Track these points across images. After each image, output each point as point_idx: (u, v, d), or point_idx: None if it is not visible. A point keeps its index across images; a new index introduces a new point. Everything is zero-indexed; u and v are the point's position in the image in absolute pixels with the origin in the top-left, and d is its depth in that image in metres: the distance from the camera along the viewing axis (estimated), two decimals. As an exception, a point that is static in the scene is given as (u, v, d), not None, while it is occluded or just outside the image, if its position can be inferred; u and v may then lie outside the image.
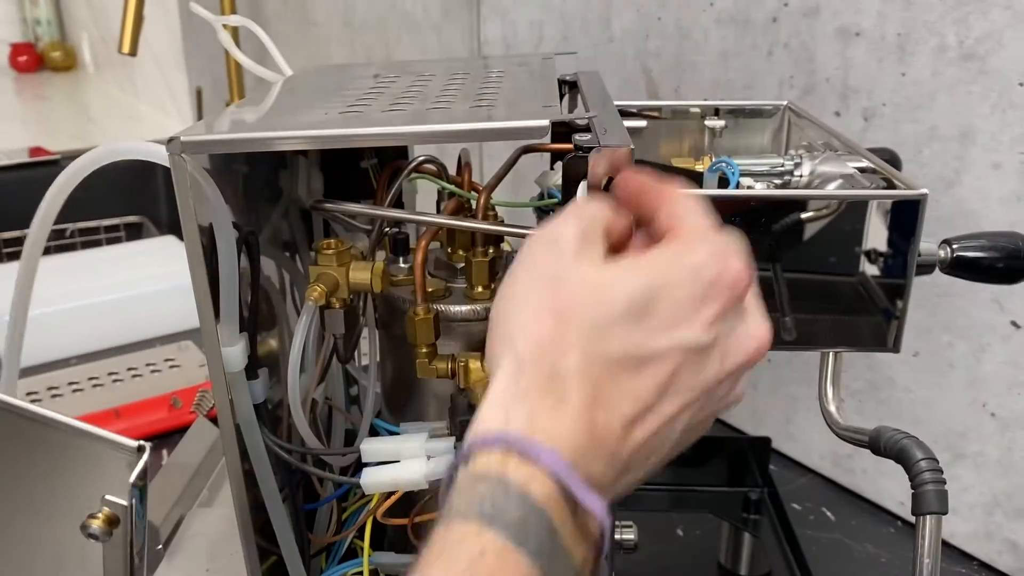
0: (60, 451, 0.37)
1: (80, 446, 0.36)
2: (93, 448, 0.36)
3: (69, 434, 0.37)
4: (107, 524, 0.34)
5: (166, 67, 2.43)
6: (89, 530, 0.34)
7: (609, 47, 1.01)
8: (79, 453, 0.36)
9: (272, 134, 0.42)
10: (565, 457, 0.31)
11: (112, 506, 0.34)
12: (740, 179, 0.57)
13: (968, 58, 0.68)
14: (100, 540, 0.34)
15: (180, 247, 1.41)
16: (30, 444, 0.37)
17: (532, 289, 0.34)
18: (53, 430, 0.37)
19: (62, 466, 0.37)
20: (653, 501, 0.78)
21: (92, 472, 0.36)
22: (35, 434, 0.37)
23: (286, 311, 0.59)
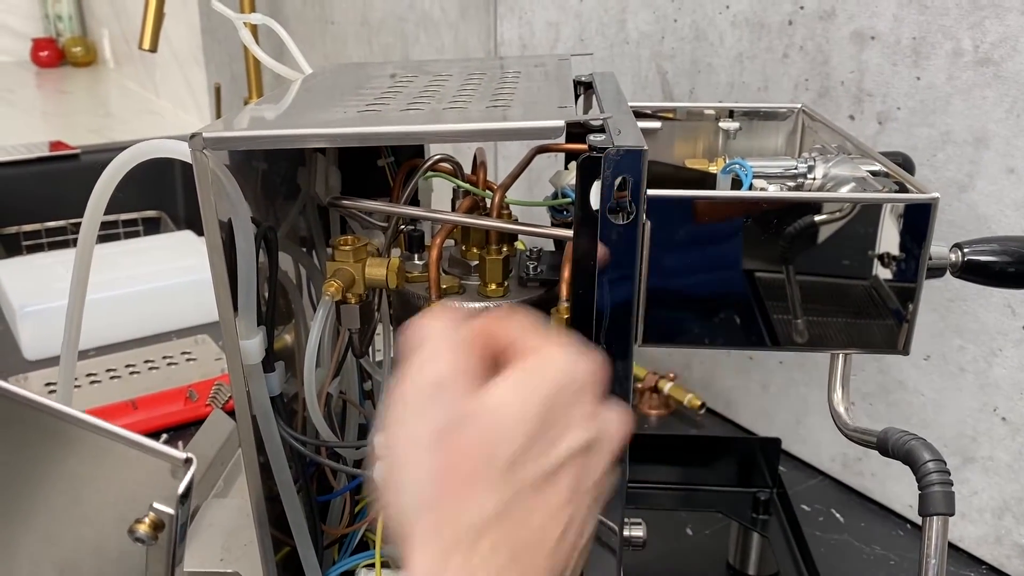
0: (110, 458, 0.39)
1: (129, 455, 0.38)
2: (141, 457, 0.38)
3: (119, 443, 0.39)
4: (153, 529, 0.36)
5: (185, 63, 2.45)
6: (136, 534, 0.36)
7: (625, 48, 1.02)
8: (128, 461, 0.38)
9: (294, 132, 0.43)
10: None
11: (159, 513, 0.37)
12: (753, 181, 0.58)
13: (983, 63, 0.68)
14: (146, 544, 0.36)
15: (197, 242, 1.44)
16: (80, 450, 0.39)
17: (434, 448, 0.33)
18: (103, 438, 0.39)
19: (111, 472, 0.39)
20: (663, 500, 0.79)
21: (139, 479, 0.38)
22: (86, 441, 0.39)
23: (302, 306, 0.60)
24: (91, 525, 0.40)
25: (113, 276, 1.26)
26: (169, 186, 1.86)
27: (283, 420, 0.50)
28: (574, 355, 0.35)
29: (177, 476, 0.37)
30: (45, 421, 0.40)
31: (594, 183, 0.41)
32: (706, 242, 0.47)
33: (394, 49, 1.52)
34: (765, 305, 0.49)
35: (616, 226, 0.42)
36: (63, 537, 0.41)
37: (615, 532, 0.48)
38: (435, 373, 0.34)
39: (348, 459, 0.60)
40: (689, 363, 1.04)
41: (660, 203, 0.45)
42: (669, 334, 0.48)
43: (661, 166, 0.64)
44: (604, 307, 0.44)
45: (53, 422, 0.40)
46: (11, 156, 1.79)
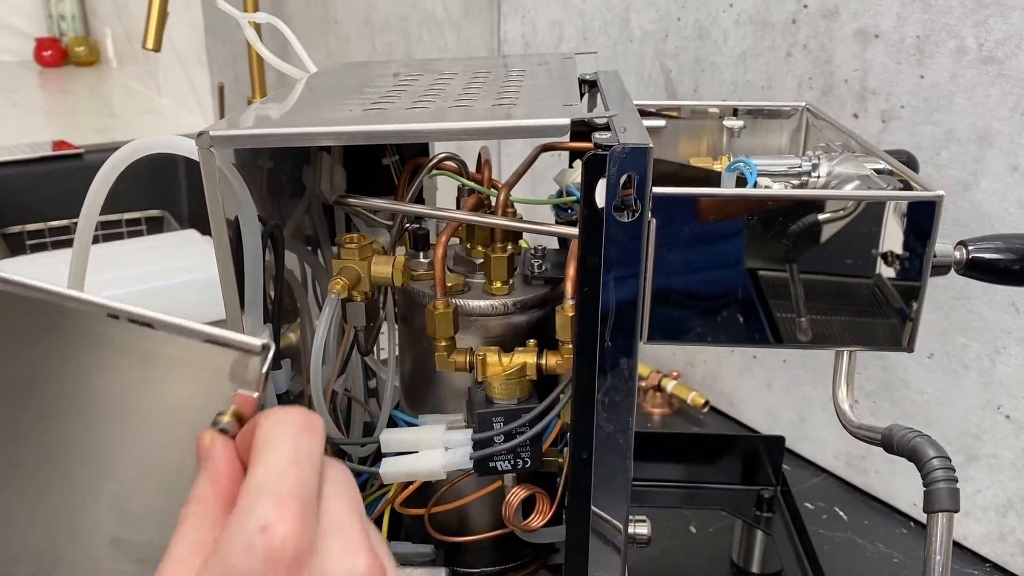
0: (179, 357, 0.37)
1: (200, 349, 0.36)
2: (213, 351, 0.36)
3: (183, 338, 0.37)
4: (236, 420, 0.34)
5: (188, 63, 2.45)
6: (220, 425, 0.34)
7: (628, 47, 1.02)
8: (199, 357, 0.36)
9: (301, 130, 0.43)
10: None
11: (241, 400, 0.35)
12: (758, 179, 0.58)
13: (987, 61, 0.68)
14: (229, 433, 0.35)
15: (201, 241, 1.44)
16: (146, 353, 0.37)
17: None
18: (163, 335, 0.37)
19: (182, 372, 0.37)
20: (667, 498, 0.79)
21: (213, 375, 0.36)
22: (140, 341, 0.37)
23: (308, 304, 0.60)
24: (153, 446, 0.38)
25: (117, 275, 1.26)
26: (173, 185, 1.86)
27: (289, 417, 0.50)
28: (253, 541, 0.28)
29: (253, 364, 0.35)
30: (84, 321, 0.37)
31: (599, 181, 0.41)
32: (711, 240, 0.47)
33: (397, 48, 1.52)
34: (770, 303, 0.49)
35: (621, 224, 0.42)
36: (120, 468, 0.38)
37: (620, 530, 0.49)
38: (192, 501, 0.32)
39: (353, 456, 0.60)
40: (692, 361, 1.04)
41: (665, 201, 0.45)
42: (674, 331, 0.48)
43: (665, 164, 0.64)
44: (609, 305, 0.44)
45: (93, 321, 0.37)
46: (14, 155, 1.79)
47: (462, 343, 0.52)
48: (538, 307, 0.54)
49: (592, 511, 0.48)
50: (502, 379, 0.50)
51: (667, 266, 0.46)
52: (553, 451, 0.55)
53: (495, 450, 0.49)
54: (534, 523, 0.53)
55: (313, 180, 0.58)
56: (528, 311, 0.53)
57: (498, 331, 0.53)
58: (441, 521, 0.58)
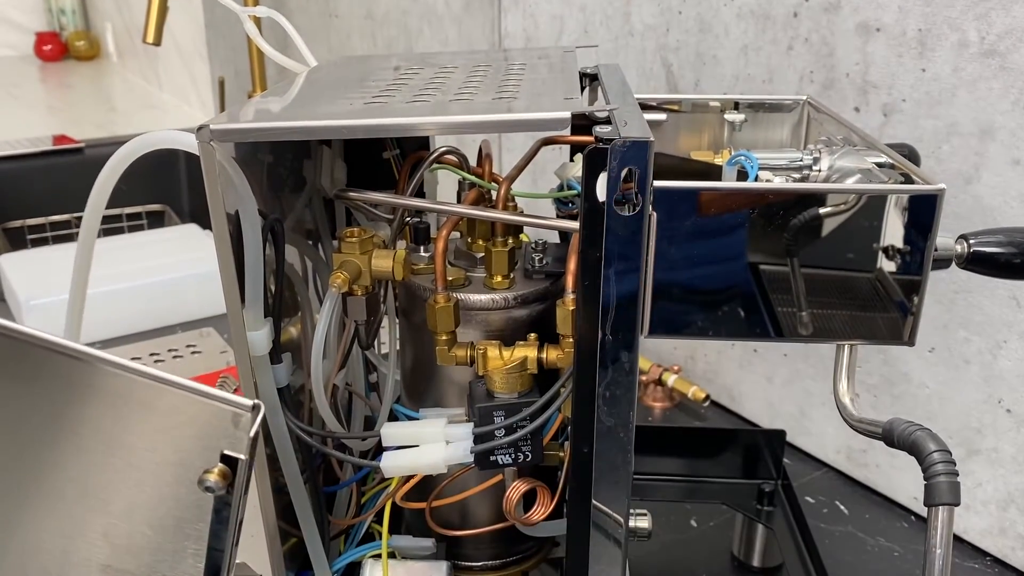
0: (166, 411, 0.38)
1: (192, 404, 0.37)
2: (209, 408, 0.37)
3: (176, 393, 0.38)
4: (222, 478, 0.36)
5: (189, 57, 2.45)
6: (206, 484, 0.35)
7: (629, 41, 1.02)
8: (186, 412, 0.37)
9: (302, 124, 0.43)
10: None
11: (227, 461, 0.36)
12: (759, 173, 0.57)
13: (989, 54, 0.68)
14: (215, 492, 0.36)
15: (202, 235, 1.44)
16: (142, 404, 0.38)
17: None
18: (157, 388, 0.38)
19: (167, 426, 0.38)
20: (667, 492, 0.79)
21: (204, 429, 0.37)
22: (136, 393, 0.38)
23: (308, 298, 0.60)
24: (145, 486, 0.39)
25: (118, 270, 1.26)
26: (173, 180, 1.86)
27: (290, 411, 0.50)
28: None
29: (243, 423, 0.37)
30: (86, 372, 0.39)
31: (600, 175, 0.41)
32: (712, 234, 0.47)
33: (398, 43, 1.52)
34: (771, 297, 0.49)
35: (622, 217, 0.42)
36: (113, 504, 0.40)
37: (621, 524, 0.49)
38: None
39: (354, 450, 0.60)
40: (693, 355, 1.04)
41: (666, 194, 0.44)
42: (675, 325, 0.48)
43: (666, 158, 0.64)
44: (610, 298, 0.44)
45: (94, 372, 0.39)
46: (15, 150, 1.79)
47: (463, 337, 0.52)
48: (539, 301, 0.54)
49: (593, 505, 0.48)
50: (503, 373, 0.50)
51: (668, 260, 0.46)
52: (554, 445, 0.55)
53: (496, 444, 0.49)
54: (535, 517, 0.54)
55: (314, 174, 0.58)
56: (529, 305, 0.53)
57: (499, 325, 0.53)
58: (442, 515, 0.58)
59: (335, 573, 0.56)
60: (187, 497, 0.37)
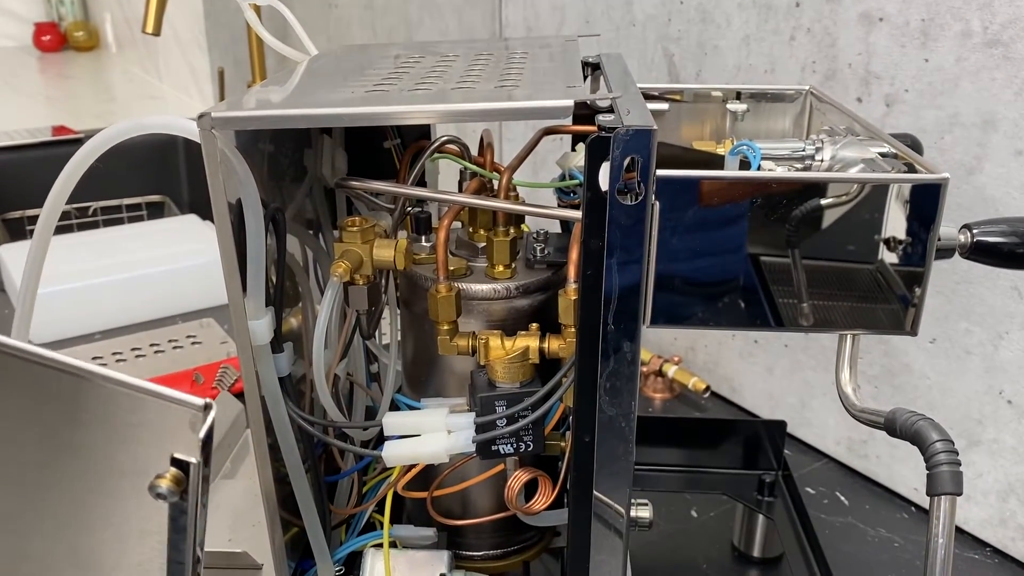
0: (122, 411, 0.35)
1: (143, 406, 0.35)
2: (158, 408, 0.35)
3: (132, 393, 0.35)
4: (175, 483, 0.33)
5: (188, 47, 2.44)
6: (157, 490, 0.33)
7: (631, 31, 1.01)
8: (144, 413, 0.35)
9: (304, 111, 0.42)
10: None
11: (179, 465, 0.34)
12: (761, 163, 0.57)
13: (992, 44, 0.68)
14: (167, 500, 0.33)
15: (202, 225, 1.44)
16: (90, 404, 0.36)
17: None
18: (115, 390, 0.35)
19: (126, 426, 0.36)
20: (668, 482, 0.79)
21: (156, 431, 0.35)
22: (96, 394, 0.36)
23: (309, 288, 0.60)
24: (108, 484, 0.36)
25: (118, 260, 1.26)
26: (173, 171, 1.86)
27: (291, 401, 0.50)
28: None
29: (194, 424, 0.34)
30: (34, 375, 0.36)
31: (603, 163, 0.41)
32: (714, 223, 0.47)
33: (398, 32, 1.51)
34: (772, 288, 0.49)
35: (624, 207, 0.42)
36: (82, 498, 0.37)
37: (622, 514, 0.49)
38: None
39: (355, 440, 0.60)
40: (694, 346, 1.04)
41: (669, 183, 0.44)
42: (677, 315, 0.48)
43: (668, 148, 0.64)
44: (612, 288, 0.44)
45: (42, 376, 0.36)
46: (14, 140, 1.79)
47: (464, 327, 0.52)
48: (540, 291, 0.54)
49: (594, 495, 0.48)
50: (504, 363, 0.49)
51: (670, 249, 0.46)
52: (555, 435, 0.55)
53: (497, 433, 0.49)
54: (536, 506, 0.54)
55: (314, 163, 0.58)
56: (530, 295, 0.53)
57: (500, 315, 0.53)
58: (444, 504, 0.58)
59: (336, 562, 0.56)
60: (147, 506, 0.34)
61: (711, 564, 0.76)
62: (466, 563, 0.60)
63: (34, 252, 0.52)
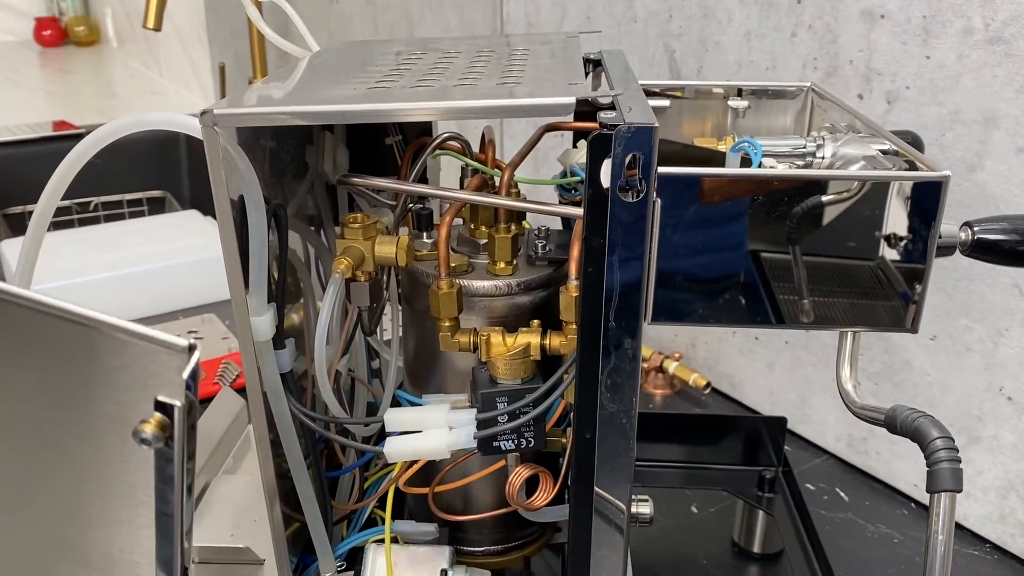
0: (104, 355, 0.33)
1: (125, 348, 0.33)
2: (140, 350, 0.33)
3: (114, 336, 0.33)
4: (159, 429, 0.32)
5: (189, 42, 2.44)
6: (141, 436, 0.31)
7: (632, 27, 1.01)
8: (126, 356, 0.33)
9: (305, 108, 0.43)
10: None
11: (163, 409, 0.32)
12: (763, 160, 0.57)
13: (994, 41, 0.68)
14: (152, 446, 0.32)
15: (203, 221, 1.44)
16: (71, 348, 0.34)
17: None
18: (96, 332, 0.33)
19: (108, 371, 0.33)
20: (668, 478, 0.79)
21: (139, 376, 0.33)
22: (76, 337, 0.34)
23: (311, 285, 0.60)
24: (93, 431, 0.34)
25: (119, 256, 1.26)
26: (174, 166, 1.86)
27: (293, 396, 0.50)
28: None
29: (181, 367, 0.32)
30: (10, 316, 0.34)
31: (604, 161, 0.41)
32: (715, 220, 0.47)
33: (400, 28, 1.51)
34: (773, 285, 0.49)
35: (626, 204, 0.42)
36: (64, 447, 0.35)
37: (622, 510, 0.49)
38: None
39: (357, 436, 0.61)
40: (694, 343, 1.05)
41: (670, 180, 0.44)
42: (678, 312, 0.48)
43: (669, 145, 0.64)
44: (613, 285, 0.44)
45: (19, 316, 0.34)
46: (15, 136, 1.79)
47: (466, 323, 0.52)
48: (542, 288, 0.54)
49: (595, 491, 0.48)
50: (506, 359, 0.50)
51: (671, 246, 0.46)
52: (556, 431, 0.55)
53: (499, 430, 0.49)
54: (537, 502, 0.54)
55: (316, 160, 0.58)
56: (532, 292, 0.53)
57: (502, 311, 0.53)
58: (445, 500, 0.58)
59: (338, 558, 0.57)
60: (134, 457, 0.33)
61: (711, 560, 0.76)
62: (467, 559, 0.60)
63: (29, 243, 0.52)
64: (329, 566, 0.56)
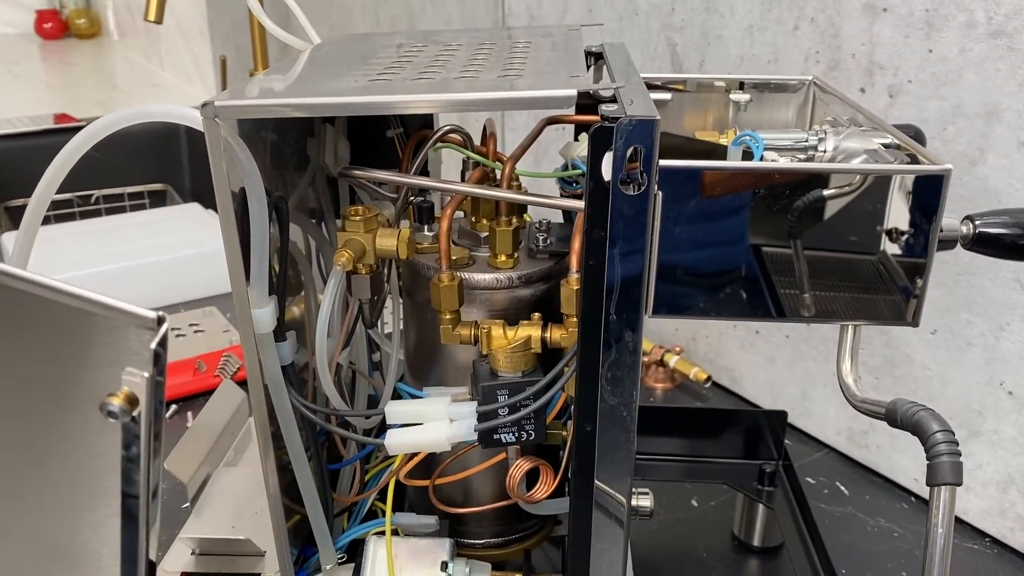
0: (69, 329, 0.32)
1: (94, 320, 0.32)
2: (107, 322, 0.32)
3: (82, 307, 0.32)
4: (127, 402, 0.31)
5: (190, 35, 2.43)
6: (109, 408, 0.31)
7: (634, 20, 1.01)
8: (93, 328, 0.32)
9: (307, 100, 0.43)
10: None
11: (131, 383, 0.31)
12: (764, 153, 0.57)
13: (997, 35, 0.68)
14: (119, 419, 0.31)
15: (204, 214, 1.44)
16: (35, 322, 0.33)
17: None
18: (62, 304, 0.32)
19: (73, 346, 0.32)
20: (668, 471, 0.79)
21: (107, 348, 0.32)
22: (42, 309, 0.32)
23: (312, 278, 0.60)
24: (58, 403, 0.33)
25: (120, 249, 1.26)
26: (175, 159, 1.86)
27: (294, 389, 0.51)
28: None
29: (148, 337, 0.31)
30: None
31: (606, 153, 0.41)
32: (717, 213, 0.47)
33: (401, 21, 1.51)
34: (776, 277, 0.49)
35: (627, 197, 0.42)
36: (29, 420, 0.33)
37: (623, 503, 0.49)
38: None
39: (357, 428, 0.61)
40: (695, 337, 1.05)
41: (672, 173, 0.44)
42: (679, 305, 0.48)
43: (671, 138, 0.64)
44: (614, 278, 0.44)
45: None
46: (16, 128, 1.79)
47: (467, 316, 0.52)
48: (543, 281, 0.54)
49: (595, 484, 0.48)
50: (507, 352, 0.50)
51: (673, 239, 0.46)
52: (557, 424, 0.56)
53: (499, 422, 0.49)
54: (538, 495, 0.54)
55: (317, 152, 0.58)
56: (533, 285, 0.53)
57: (503, 304, 0.53)
58: (445, 492, 0.58)
59: (338, 550, 0.57)
60: (101, 439, 0.31)
61: (711, 553, 0.76)
62: (467, 551, 0.60)
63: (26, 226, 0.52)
64: (330, 558, 0.56)
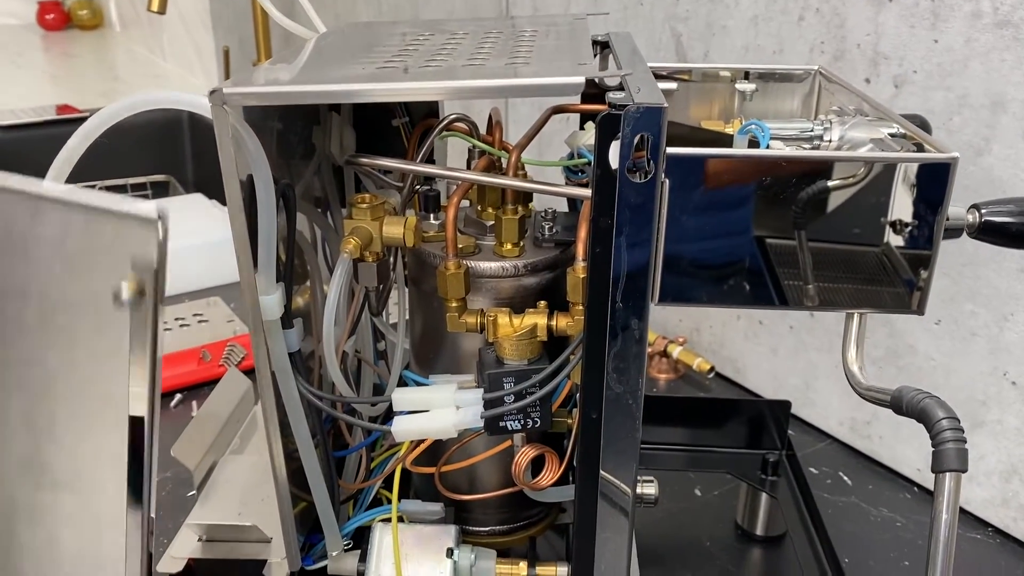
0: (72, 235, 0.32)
1: (93, 222, 0.32)
2: (108, 224, 0.32)
3: (89, 205, 0.33)
4: (138, 293, 0.32)
5: (193, 26, 2.43)
6: (121, 296, 0.32)
7: (639, 10, 1.01)
8: (95, 235, 0.32)
9: (315, 87, 0.43)
10: None
11: (140, 269, 0.32)
12: (770, 142, 0.57)
13: (1003, 25, 0.68)
14: (130, 307, 0.32)
15: (208, 205, 1.44)
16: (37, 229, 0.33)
17: None
18: (62, 207, 0.33)
19: (76, 252, 0.33)
20: (672, 461, 0.80)
21: (109, 255, 0.32)
22: (42, 217, 0.33)
23: (317, 266, 0.60)
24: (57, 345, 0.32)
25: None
26: (178, 151, 1.86)
27: (301, 376, 0.51)
28: None
29: (148, 239, 0.32)
30: None
31: (613, 141, 0.41)
32: (724, 202, 0.47)
33: (404, 10, 1.51)
34: (781, 268, 0.49)
35: (634, 185, 0.42)
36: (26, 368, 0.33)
37: (627, 491, 0.49)
38: None
39: (364, 415, 0.61)
40: (699, 327, 1.05)
41: (679, 161, 0.44)
42: (685, 293, 0.48)
43: (677, 127, 0.64)
44: (621, 266, 0.44)
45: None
46: (19, 119, 1.79)
47: (473, 304, 0.53)
48: (548, 269, 0.54)
49: (600, 472, 0.48)
50: (513, 340, 0.50)
51: (679, 228, 0.46)
52: (562, 412, 0.56)
53: (505, 410, 0.50)
54: (543, 482, 0.54)
55: (323, 141, 0.58)
56: (539, 273, 0.53)
57: (509, 293, 0.54)
58: (451, 480, 0.59)
59: (345, 536, 0.57)
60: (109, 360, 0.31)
61: (715, 542, 0.77)
62: (473, 538, 0.60)
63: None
64: (336, 544, 0.56)
